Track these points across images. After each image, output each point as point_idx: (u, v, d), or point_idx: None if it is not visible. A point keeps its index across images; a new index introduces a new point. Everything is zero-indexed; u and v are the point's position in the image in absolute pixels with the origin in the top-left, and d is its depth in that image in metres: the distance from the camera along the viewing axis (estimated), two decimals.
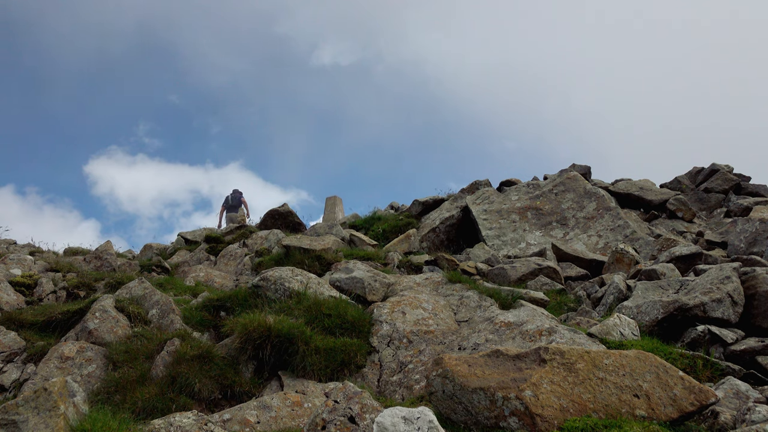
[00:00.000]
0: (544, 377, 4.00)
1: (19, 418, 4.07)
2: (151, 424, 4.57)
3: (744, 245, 10.11)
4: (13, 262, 11.63)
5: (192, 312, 8.43)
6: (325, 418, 3.88)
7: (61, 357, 6.92)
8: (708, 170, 16.00)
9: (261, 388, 6.29)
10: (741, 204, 13.19)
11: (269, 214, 16.66)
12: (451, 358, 4.39)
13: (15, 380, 6.90)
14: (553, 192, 14.33)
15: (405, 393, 5.99)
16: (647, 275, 7.82)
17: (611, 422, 3.69)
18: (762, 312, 6.13)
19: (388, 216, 16.80)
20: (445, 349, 6.48)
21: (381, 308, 7.55)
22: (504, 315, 6.67)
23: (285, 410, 5.28)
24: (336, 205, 20.73)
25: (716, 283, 6.38)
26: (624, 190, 15.23)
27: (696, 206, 14.80)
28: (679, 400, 3.91)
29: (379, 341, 6.93)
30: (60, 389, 4.31)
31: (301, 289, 7.96)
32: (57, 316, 8.33)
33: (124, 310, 8.06)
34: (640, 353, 4.20)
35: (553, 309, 7.66)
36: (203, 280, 11.46)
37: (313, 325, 6.92)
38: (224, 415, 5.13)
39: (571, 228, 13.26)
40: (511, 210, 14.21)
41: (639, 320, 6.37)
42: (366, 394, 4.04)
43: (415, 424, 3.43)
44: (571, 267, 10.48)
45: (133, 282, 9.39)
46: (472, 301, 7.74)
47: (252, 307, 7.67)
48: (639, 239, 11.86)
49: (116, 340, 7.37)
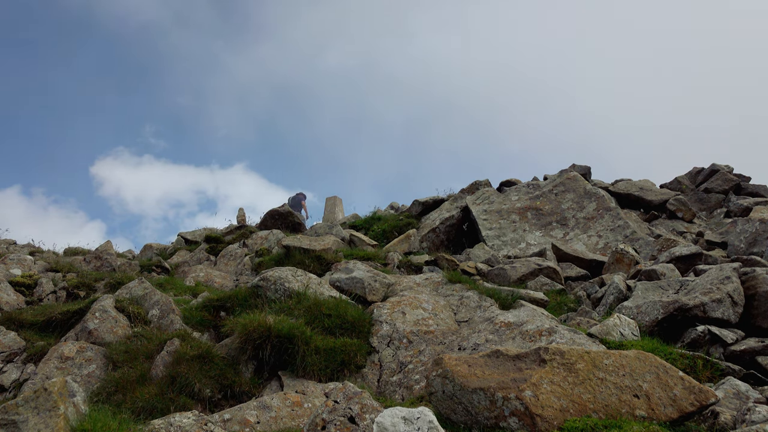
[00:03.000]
0: (544, 377, 4.00)
1: (19, 418, 4.07)
2: (151, 424, 4.57)
3: (744, 245, 10.11)
4: (13, 262, 11.64)
5: (192, 312, 8.44)
6: (325, 418, 3.88)
7: (61, 357, 6.92)
8: (708, 170, 16.00)
9: (261, 388, 6.29)
10: (741, 204, 13.19)
11: (269, 214, 16.66)
12: (451, 358, 4.39)
13: (15, 380, 6.90)
14: (553, 192, 14.33)
15: (405, 393, 5.99)
16: (647, 275, 7.82)
17: (611, 422, 3.69)
18: (762, 312, 6.13)
19: (388, 216, 16.81)
20: (445, 350, 6.48)
21: (381, 308, 7.55)
22: (504, 315, 6.67)
23: (285, 410, 5.28)
24: (336, 205, 20.75)
25: (716, 283, 6.38)
26: (624, 190, 15.23)
27: (696, 206, 14.80)
28: (679, 401, 3.91)
29: (379, 341, 6.93)
30: (60, 389, 4.31)
31: (301, 289, 7.95)
32: (57, 316, 8.33)
33: (124, 310, 8.06)
34: (640, 353, 4.20)
35: (553, 309, 7.66)
36: (203, 280, 11.46)
37: (313, 326, 6.92)
38: (224, 415, 5.12)
39: (571, 228, 13.26)
40: (511, 210, 14.21)
41: (639, 320, 6.37)
42: (366, 394, 4.04)
43: (415, 424, 3.43)
44: (571, 267, 10.48)
45: (133, 282, 9.39)
46: (472, 301, 7.74)
47: (252, 307, 7.67)
48: (639, 239, 11.86)
49: (116, 340, 7.37)
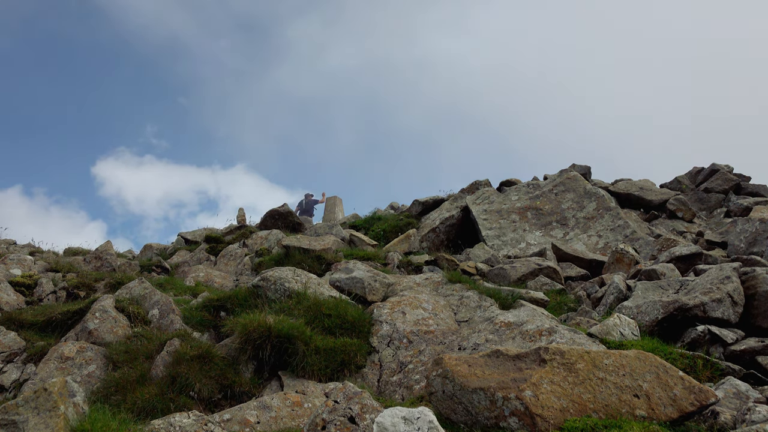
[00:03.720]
0: (544, 377, 4.00)
1: (19, 419, 4.07)
2: (151, 424, 4.57)
3: (744, 245, 10.11)
4: (13, 262, 11.64)
5: (192, 312, 8.43)
6: (325, 418, 3.88)
7: (61, 357, 6.91)
8: (708, 170, 16.00)
9: (261, 388, 6.29)
10: (741, 204, 13.19)
11: (269, 214, 16.65)
12: (451, 358, 4.39)
13: (15, 380, 6.90)
14: (553, 192, 14.33)
15: (405, 393, 5.99)
16: (647, 275, 7.82)
17: (611, 422, 3.69)
18: (762, 312, 6.13)
19: (388, 216, 16.81)
20: (445, 349, 6.48)
21: (381, 308, 7.55)
22: (504, 315, 6.67)
23: (285, 410, 5.28)
24: (336, 205, 20.74)
25: (716, 283, 6.38)
26: (624, 190, 15.23)
27: (696, 206, 14.80)
28: (679, 400, 3.91)
29: (379, 341, 6.92)
30: (60, 389, 4.31)
31: (301, 289, 7.95)
32: (57, 316, 8.33)
33: (124, 311, 8.06)
34: (640, 353, 4.20)
35: (553, 309, 7.66)
36: (203, 280, 11.46)
37: (313, 325, 6.92)
38: (224, 415, 5.12)
39: (571, 228, 13.26)
40: (511, 210, 14.21)
41: (639, 320, 6.37)
42: (366, 394, 4.03)
43: (415, 424, 3.43)
44: (571, 267, 10.48)
45: (133, 282, 9.39)
46: (472, 301, 7.74)
47: (252, 307, 7.67)
48: (639, 239, 11.85)
49: (116, 340, 7.37)
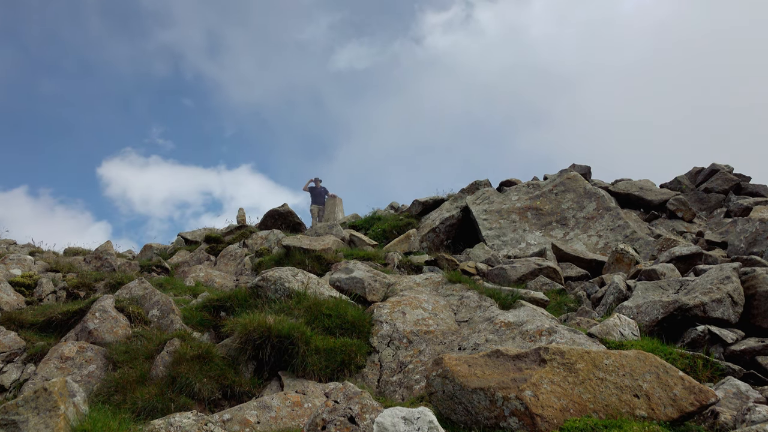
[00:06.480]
0: (544, 377, 4.00)
1: (19, 419, 4.07)
2: (151, 425, 4.57)
3: (744, 245, 10.11)
4: (13, 262, 11.63)
5: (192, 312, 8.43)
6: (325, 419, 3.88)
7: (61, 357, 6.92)
8: (708, 170, 16.00)
9: (261, 389, 6.29)
10: (741, 204, 13.19)
11: (269, 214, 16.65)
12: (451, 358, 4.39)
13: (15, 380, 6.90)
14: (553, 192, 14.33)
15: (405, 393, 5.99)
16: (647, 275, 7.82)
17: (611, 422, 3.69)
18: (762, 312, 6.13)
19: (388, 216, 16.80)
20: (445, 349, 6.48)
21: (381, 308, 7.54)
22: (504, 315, 6.67)
23: (285, 410, 5.28)
24: (336, 205, 20.73)
25: (716, 283, 6.38)
26: (624, 190, 15.23)
27: (696, 206, 14.80)
28: (679, 401, 3.91)
29: (379, 341, 6.92)
30: (60, 389, 4.31)
31: (301, 289, 7.95)
32: (57, 316, 8.33)
33: (124, 311, 8.06)
34: (640, 353, 4.20)
35: (553, 309, 7.66)
36: (203, 280, 11.46)
37: (313, 326, 6.92)
38: (224, 415, 5.12)
39: (571, 228, 13.26)
40: (511, 210, 14.21)
41: (639, 320, 6.37)
42: (366, 394, 4.03)
43: (415, 424, 3.43)
44: (571, 267, 10.48)
45: (133, 282, 9.39)
46: (472, 301, 7.74)
47: (252, 308, 7.66)
48: (639, 239, 11.86)
49: (116, 341, 7.37)
